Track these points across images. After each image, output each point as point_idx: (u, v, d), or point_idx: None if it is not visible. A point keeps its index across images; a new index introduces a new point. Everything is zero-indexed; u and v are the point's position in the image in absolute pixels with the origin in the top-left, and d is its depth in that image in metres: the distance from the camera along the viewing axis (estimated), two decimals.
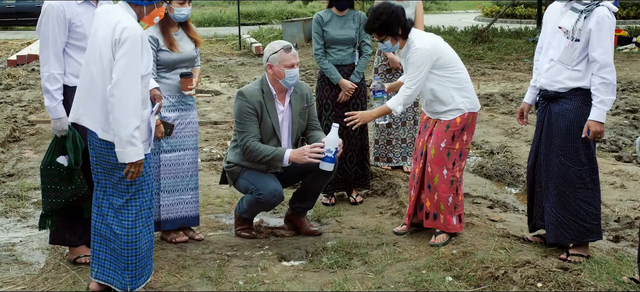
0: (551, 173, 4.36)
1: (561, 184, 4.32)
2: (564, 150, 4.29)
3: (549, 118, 4.35)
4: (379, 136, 6.47)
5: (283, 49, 4.66)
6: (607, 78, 4.12)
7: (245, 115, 4.67)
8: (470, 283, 4.07)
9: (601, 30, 4.12)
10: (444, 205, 4.66)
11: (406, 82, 4.57)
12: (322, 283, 4.13)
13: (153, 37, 4.52)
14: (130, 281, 3.78)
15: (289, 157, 4.62)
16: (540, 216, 4.53)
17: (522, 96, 10.71)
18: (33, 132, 8.37)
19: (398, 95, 4.57)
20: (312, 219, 5.29)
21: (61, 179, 4.05)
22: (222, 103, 10.56)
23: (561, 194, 4.33)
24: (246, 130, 4.67)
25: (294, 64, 4.67)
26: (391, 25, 4.50)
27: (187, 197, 4.79)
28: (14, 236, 5.04)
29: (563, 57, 4.24)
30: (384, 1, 4.79)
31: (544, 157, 4.40)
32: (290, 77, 4.67)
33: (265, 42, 17.85)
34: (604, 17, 4.12)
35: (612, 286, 3.95)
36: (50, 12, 4.06)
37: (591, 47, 4.14)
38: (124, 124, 3.52)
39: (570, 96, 4.25)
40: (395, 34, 4.53)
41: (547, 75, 4.34)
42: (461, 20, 26.14)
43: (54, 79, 4.07)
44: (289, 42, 4.83)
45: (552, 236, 4.40)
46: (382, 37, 4.55)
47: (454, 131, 4.60)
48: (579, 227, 4.33)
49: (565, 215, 4.33)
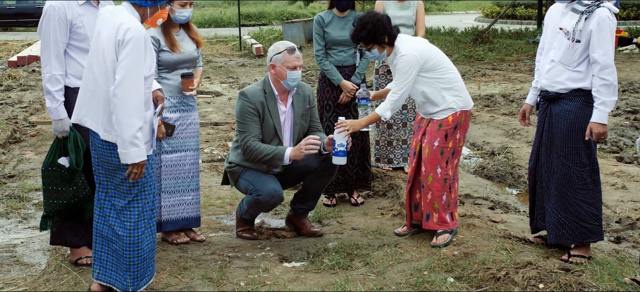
0: (552, 174, 4.36)
1: (562, 184, 4.32)
2: (565, 151, 4.29)
3: (550, 119, 4.35)
4: (380, 137, 6.47)
5: (287, 50, 4.66)
6: (608, 79, 4.12)
7: (247, 116, 4.67)
8: (472, 284, 4.06)
9: (602, 31, 4.12)
10: (438, 203, 4.68)
11: (393, 88, 4.59)
12: (323, 284, 4.13)
13: (154, 38, 4.53)
14: (131, 282, 3.78)
15: (288, 155, 4.62)
16: (542, 216, 4.53)
17: (523, 97, 10.74)
18: (34, 134, 8.37)
19: (386, 102, 4.60)
20: (313, 220, 5.29)
21: (62, 180, 4.05)
22: (222, 104, 10.56)
23: (562, 195, 4.33)
24: (247, 130, 4.67)
25: (296, 66, 4.67)
26: (377, 34, 4.54)
27: (188, 198, 4.79)
28: (15, 237, 5.04)
29: (564, 58, 4.25)
30: (368, 11, 4.82)
31: (545, 158, 4.40)
32: (291, 78, 4.67)
33: (266, 43, 17.85)
34: (604, 18, 4.12)
35: (614, 287, 3.95)
36: (51, 13, 4.06)
37: (592, 48, 4.14)
38: (126, 125, 3.52)
39: (570, 97, 4.25)
40: (381, 42, 4.57)
41: (548, 76, 4.34)
42: (461, 21, 26.14)
43: (55, 80, 4.07)
44: (290, 42, 4.82)
45: (554, 236, 4.40)
46: (369, 46, 4.59)
47: (447, 130, 4.63)
48: (580, 228, 4.32)
49: (566, 216, 4.33)
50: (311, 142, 4.57)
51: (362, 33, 4.55)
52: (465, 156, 7.77)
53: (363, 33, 4.54)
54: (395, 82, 4.60)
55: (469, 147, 8.14)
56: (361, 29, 4.55)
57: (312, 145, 4.57)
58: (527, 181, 6.49)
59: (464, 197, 5.94)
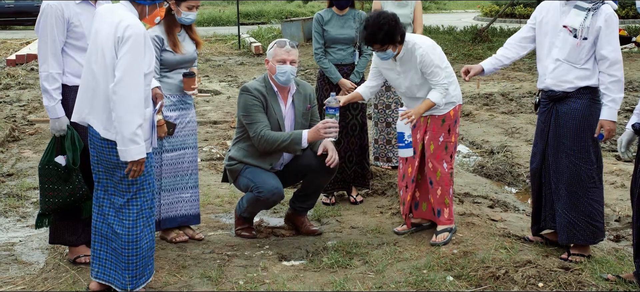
0: (561, 174, 4.33)
1: (572, 184, 4.30)
2: (575, 150, 4.27)
3: (557, 119, 4.32)
4: (379, 136, 6.47)
5: (277, 44, 4.69)
6: (616, 75, 4.13)
7: (252, 108, 4.66)
8: (471, 283, 4.06)
9: (609, 28, 4.14)
10: (448, 198, 4.71)
11: (438, 80, 4.51)
12: (322, 283, 4.12)
13: (158, 37, 4.53)
14: (130, 281, 3.77)
15: (306, 138, 4.60)
16: (551, 217, 4.48)
17: (523, 96, 10.74)
18: (32, 132, 8.36)
19: (437, 92, 4.53)
20: (313, 218, 5.28)
21: (59, 179, 4.05)
22: (221, 102, 10.55)
23: (573, 195, 4.31)
24: (256, 121, 4.65)
25: (285, 59, 4.65)
26: (394, 34, 4.50)
27: (187, 195, 4.78)
28: (14, 236, 5.03)
29: (570, 56, 4.23)
30: (377, 11, 4.79)
31: (553, 158, 4.36)
32: (280, 72, 4.65)
33: (265, 41, 17.82)
34: (611, 14, 4.14)
35: (613, 286, 3.95)
36: (48, 11, 4.06)
37: (600, 45, 4.15)
38: (126, 122, 3.51)
39: (578, 95, 4.24)
40: (396, 41, 4.54)
41: (554, 76, 4.30)
42: (460, 19, 26.13)
43: (52, 79, 4.06)
44: (289, 39, 4.82)
45: (565, 237, 4.36)
46: (385, 46, 4.54)
47: (450, 124, 4.67)
48: (591, 228, 4.31)
49: (577, 216, 4.31)
50: (330, 125, 4.54)
51: (379, 35, 4.47)
52: (464, 155, 7.77)
53: (380, 35, 4.47)
54: (434, 75, 4.51)
55: (468, 145, 8.14)
56: (378, 31, 4.47)
57: (330, 128, 4.54)
58: (526, 180, 6.52)
59: (463, 196, 5.93)
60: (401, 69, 4.66)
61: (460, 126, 8.76)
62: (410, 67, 4.61)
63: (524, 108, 9.79)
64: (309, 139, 4.61)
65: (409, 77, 4.64)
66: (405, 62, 4.62)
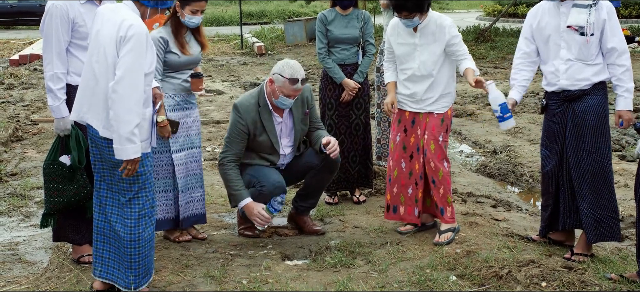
0: (583, 173, 4.30)
1: (596, 181, 4.29)
2: (595, 146, 4.27)
3: (573, 118, 4.30)
4: (382, 135, 6.47)
5: (289, 80, 4.58)
6: (626, 64, 4.22)
7: (236, 134, 4.69)
8: (474, 282, 4.06)
9: (612, 20, 4.24)
10: (450, 196, 4.72)
11: (466, 51, 4.61)
12: (325, 282, 4.13)
13: (163, 39, 4.52)
14: (134, 280, 3.77)
15: (242, 205, 4.62)
16: (574, 217, 4.42)
17: (525, 96, 10.71)
18: (36, 132, 8.38)
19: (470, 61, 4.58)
20: (315, 218, 5.29)
21: (64, 178, 4.05)
22: (224, 102, 10.56)
23: (597, 192, 4.29)
24: (230, 147, 4.70)
25: (292, 95, 4.65)
26: (423, 1, 4.54)
27: (197, 195, 4.81)
28: (17, 235, 5.04)
29: (581, 54, 4.26)
30: None
31: (574, 159, 4.32)
32: (282, 103, 4.67)
33: (267, 41, 17.84)
34: (610, 6, 4.24)
35: (616, 286, 3.94)
36: (53, 11, 4.07)
37: (607, 37, 4.22)
38: (124, 121, 3.51)
39: (594, 92, 4.27)
40: (423, 10, 4.57)
41: (568, 76, 4.30)
42: (463, 19, 26.11)
43: (57, 79, 4.07)
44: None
45: (593, 236, 4.33)
46: (413, 14, 4.55)
47: (447, 124, 4.73)
48: (617, 223, 4.33)
49: (603, 212, 4.30)
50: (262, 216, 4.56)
51: (409, 3, 4.51)
52: (467, 154, 7.77)
53: (410, 2, 4.51)
54: (461, 44, 4.61)
55: (471, 145, 8.14)
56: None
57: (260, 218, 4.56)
58: (529, 180, 6.52)
59: (466, 196, 5.94)
60: (421, 42, 4.66)
61: (463, 126, 8.84)
62: (431, 40, 4.63)
63: (526, 108, 9.78)
64: (245, 209, 4.61)
65: (428, 50, 4.64)
66: (427, 34, 4.64)
